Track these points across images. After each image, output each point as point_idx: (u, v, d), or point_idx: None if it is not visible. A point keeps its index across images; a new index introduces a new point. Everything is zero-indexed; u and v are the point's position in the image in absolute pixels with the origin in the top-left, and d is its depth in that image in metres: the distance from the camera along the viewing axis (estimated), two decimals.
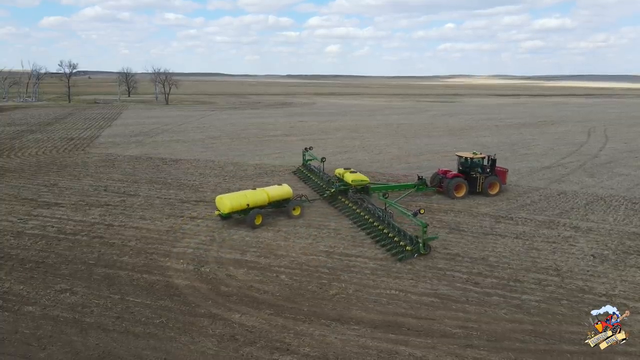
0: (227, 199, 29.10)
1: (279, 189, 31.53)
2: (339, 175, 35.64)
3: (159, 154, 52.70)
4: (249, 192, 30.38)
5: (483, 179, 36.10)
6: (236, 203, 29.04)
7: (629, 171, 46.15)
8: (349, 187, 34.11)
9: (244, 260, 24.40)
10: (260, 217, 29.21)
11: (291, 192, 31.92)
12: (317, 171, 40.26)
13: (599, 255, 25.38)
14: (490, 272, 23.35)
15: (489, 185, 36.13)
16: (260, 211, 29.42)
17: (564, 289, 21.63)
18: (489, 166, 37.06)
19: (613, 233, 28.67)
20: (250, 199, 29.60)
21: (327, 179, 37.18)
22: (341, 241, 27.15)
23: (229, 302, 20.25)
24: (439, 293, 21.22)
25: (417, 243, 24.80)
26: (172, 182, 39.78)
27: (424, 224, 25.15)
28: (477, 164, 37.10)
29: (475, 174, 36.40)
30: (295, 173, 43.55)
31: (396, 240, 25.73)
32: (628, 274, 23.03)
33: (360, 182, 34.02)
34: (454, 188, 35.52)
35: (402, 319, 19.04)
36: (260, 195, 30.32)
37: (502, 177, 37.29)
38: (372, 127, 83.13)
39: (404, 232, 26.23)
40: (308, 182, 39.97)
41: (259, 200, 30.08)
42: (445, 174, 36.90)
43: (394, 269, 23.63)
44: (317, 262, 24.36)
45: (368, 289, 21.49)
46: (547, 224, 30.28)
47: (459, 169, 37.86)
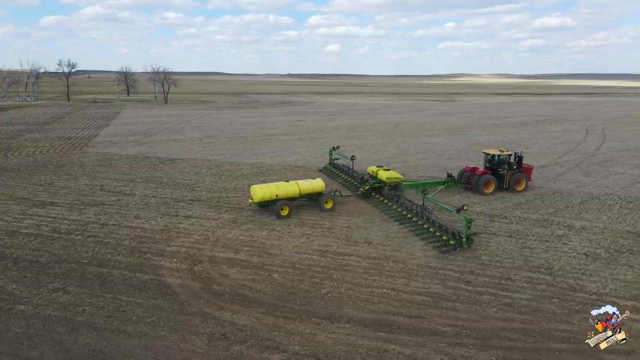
0: (259, 189, 31.05)
1: (311, 183, 32.91)
2: (372, 173, 36.54)
3: (156, 153, 52.78)
4: (281, 184, 32.07)
5: (510, 176, 36.79)
6: (267, 193, 30.91)
7: (625, 170, 46.18)
8: (383, 184, 34.90)
9: (237, 259, 24.47)
10: (286, 209, 30.69)
11: (323, 186, 33.19)
12: (347, 169, 41.39)
13: (591, 253, 25.44)
14: (482, 270, 23.42)
15: (515, 182, 36.88)
16: (287, 202, 30.92)
17: (555, 288, 21.70)
18: (515, 163, 37.83)
19: (606, 232, 28.73)
20: (281, 191, 31.24)
21: (360, 176, 38.18)
22: (335, 240, 27.22)
23: (221, 300, 20.32)
24: (430, 292, 21.29)
25: (460, 238, 25.54)
26: (168, 181, 39.86)
27: (468, 219, 25.60)
28: (504, 161, 37.77)
29: (502, 170, 37.15)
30: (322, 171, 44.52)
31: (438, 234, 26.63)
32: (619, 273, 23.10)
33: (394, 180, 34.83)
34: (483, 185, 36.17)
35: (393, 318, 19.11)
36: (291, 187, 31.84)
37: (528, 174, 38.09)
38: (371, 126, 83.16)
39: (445, 227, 26.90)
40: (336, 179, 41.07)
41: (290, 192, 31.64)
42: (474, 171, 37.52)
43: (387, 267, 23.72)
44: (310, 261, 24.43)
45: (360, 288, 21.56)
46: (540, 222, 30.34)
47: (486, 166, 38.40)
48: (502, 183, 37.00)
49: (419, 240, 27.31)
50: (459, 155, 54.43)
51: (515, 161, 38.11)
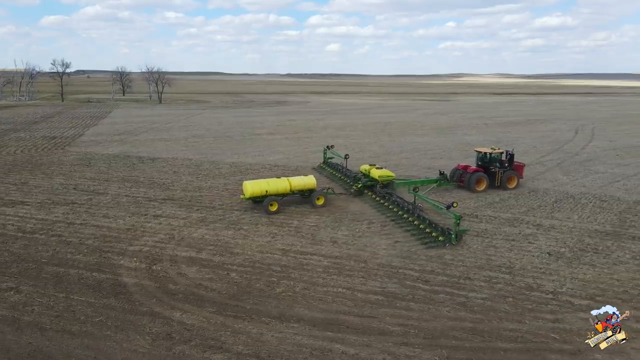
0: (249, 185, 31.68)
1: (302, 179, 33.42)
2: (365, 172, 37.00)
3: (138, 153, 52.68)
4: (272, 180, 32.65)
5: (501, 174, 37.14)
6: (257, 189, 31.50)
7: (605, 169, 46.03)
8: (375, 182, 35.24)
9: (198, 258, 24.36)
10: (275, 204, 31.21)
11: (315, 182, 33.63)
12: (341, 167, 41.77)
13: (555, 252, 25.31)
14: (442, 270, 23.29)
15: (507, 180, 37.19)
16: (276, 198, 31.40)
17: (513, 287, 21.57)
18: (507, 161, 38.16)
19: (574, 231, 28.59)
20: (271, 187, 31.71)
21: (353, 175, 38.45)
22: (300, 239, 27.10)
23: (174, 300, 20.20)
24: (386, 291, 21.16)
25: (450, 234, 25.89)
26: (144, 180, 39.75)
27: (458, 216, 26.04)
28: (495, 158, 38.03)
29: (494, 168, 37.43)
30: (316, 169, 44.95)
31: (428, 231, 27.01)
32: (579, 272, 22.96)
33: (386, 178, 35.28)
34: (475, 182, 36.45)
35: (344, 317, 18.98)
36: (282, 183, 32.34)
37: (519, 171, 38.45)
38: (360, 126, 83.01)
39: (435, 224, 27.27)
40: (330, 177, 41.47)
41: (281, 188, 32.10)
42: (465, 169, 37.83)
43: (347, 267, 23.59)
44: (271, 260, 24.32)
45: (316, 287, 21.43)
46: (510, 221, 30.21)
47: (478, 163, 38.71)
48: (493, 181, 37.17)
49: (385, 239, 27.16)
50: (442, 155, 54.31)
51: (506, 159, 38.36)
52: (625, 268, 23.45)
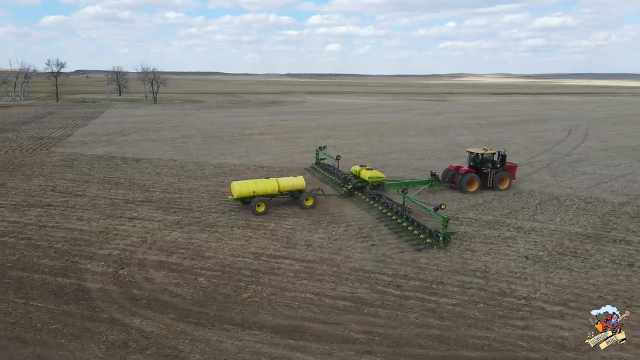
0: (237, 185, 31.37)
1: (290, 180, 33.06)
2: (355, 173, 36.78)
3: (123, 153, 52.18)
4: (260, 181, 32.34)
5: (493, 174, 36.90)
6: (244, 190, 31.17)
7: (594, 170, 45.49)
8: (365, 183, 34.96)
9: (168, 262, 23.85)
10: (263, 205, 30.89)
11: (304, 183, 33.24)
12: (332, 169, 41.50)
13: (532, 256, 24.80)
14: (416, 274, 22.78)
15: (499, 180, 37.00)
16: (263, 199, 31.04)
17: (485, 292, 21.05)
18: (499, 161, 37.87)
19: (555, 233, 28.07)
20: (259, 187, 31.39)
21: (343, 176, 38.13)
22: (274, 242, 26.60)
23: (136, 306, 19.69)
24: (355, 297, 20.65)
25: (437, 236, 25.58)
26: (124, 182, 39.24)
27: (446, 218, 25.76)
28: (487, 159, 37.68)
29: (486, 169, 37.11)
30: (308, 170, 44.67)
31: (416, 233, 26.75)
32: (555, 276, 22.45)
33: (376, 179, 35.02)
34: (466, 183, 36.17)
35: (308, 324, 18.47)
36: (270, 184, 32.03)
37: (512, 172, 38.23)
38: (353, 126, 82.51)
39: (423, 226, 26.97)
40: (321, 179, 41.11)
41: (269, 189, 31.78)
42: (457, 169, 37.45)
43: (319, 271, 23.09)
44: (242, 264, 23.81)
45: (284, 292, 20.92)
46: (491, 224, 29.69)
47: (470, 164, 38.36)
48: (485, 182, 36.87)
49: (361, 242, 26.67)
50: (431, 155, 53.81)
51: (498, 160, 38.06)
52: (603, 272, 22.93)
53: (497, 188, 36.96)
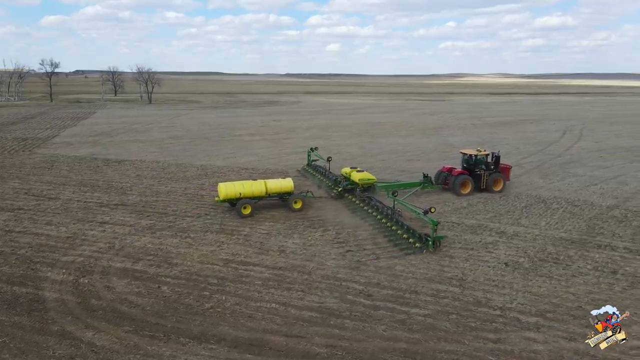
0: (223, 187, 30.72)
1: (278, 182, 32.32)
2: (346, 175, 35.85)
3: (107, 155, 51.24)
4: (247, 183, 31.64)
5: (487, 176, 36.15)
6: (231, 191, 30.50)
7: (585, 172, 44.52)
8: (356, 185, 34.24)
9: (133, 270, 22.92)
10: (249, 208, 30.29)
11: (292, 185, 32.43)
12: (323, 170, 40.61)
13: (513, 263, 23.84)
14: (389, 282, 21.83)
15: (493, 182, 36.22)
16: (249, 201, 30.37)
17: (460, 302, 20.10)
18: (493, 163, 37.09)
19: (539, 238, 27.12)
20: (246, 189, 30.70)
21: (334, 178, 37.33)
22: (247, 248, 25.67)
23: (92, 317, 18.76)
24: (323, 307, 19.70)
25: (427, 241, 24.74)
26: (102, 184, 38.31)
27: (435, 222, 24.83)
28: (481, 161, 36.94)
29: (479, 170, 36.26)
30: (300, 172, 43.92)
31: (405, 237, 25.85)
32: (534, 285, 21.49)
33: (367, 181, 34.24)
34: (460, 185, 35.42)
35: (269, 337, 17.55)
36: (257, 186, 31.31)
37: (506, 174, 37.44)
38: (345, 126, 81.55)
39: (412, 230, 26.08)
40: (312, 180, 40.33)
41: (256, 191, 31.09)
42: (450, 171, 36.72)
43: (289, 279, 22.16)
44: (210, 271, 22.88)
45: (249, 302, 19.99)
46: (473, 229, 28.74)
47: (463, 166, 37.58)
48: (478, 183, 36.10)
49: (337, 247, 25.74)
50: (421, 157, 52.87)
51: (492, 161, 37.24)
52: (584, 280, 21.97)
53: (491, 190, 36.13)
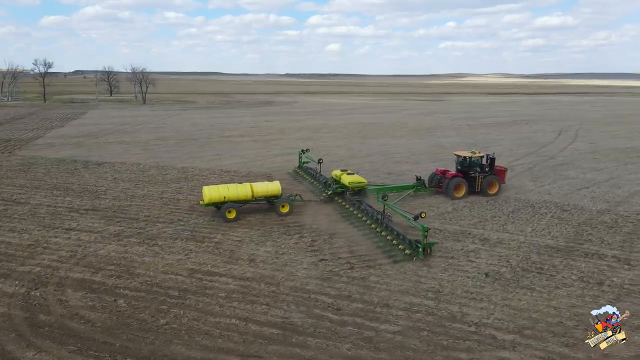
0: (207, 190, 29.74)
1: (265, 185, 31.34)
2: (336, 177, 34.82)
3: (88, 157, 49.99)
4: (232, 186, 30.62)
5: (482, 179, 35.05)
6: (215, 195, 29.53)
7: (577, 174, 43.21)
8: (346, 189, 33.12)
9: (90, 281, 21.65)
10: (234, 212, 29.28)
11: (279, 188, 31.27)
12: (313, 172, 39.46)
13: (494, 273, 22.55)
14: (361, 295, 20.55)
15: (488, 185, 35.12)
16: (234, 205, 29.37)
17: (433, 316, 18.80)
18: (487, 165, 35.90)
19: (523, 246, 25.83)
20: (231, 193, 29.72)
21: (324, 181, 36.21)
22: (215, 257, 24.41)
23: (36, 335, 17.48)
24: (287, 322, 18.40)
25: (417, 247, 23.59)
26: (76, 188, 37.04)
27: (425, 228, 23.73)
28: (475, 163, 35.82)
29: (474, 173, 35.22)
30: (291, 174, 42.85)
31: (394, 243, 24.75)
32: (514, 298, 20.18)
33: (357, 184, 33.22)
34: (453, 188, 34.39)
35: (223, 357, 16.25)
36: (243, 189, 30.32)
37: (501, 176, 36.37)
38: (337, 127, 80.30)
39: (403, 236, 24.90)
40: (302, 183, 39.25)
41: (241, 194, 30.09)
42: (444, 173, 35.65)
43: (255, 291, 20.89)
44: (172, 282, 21.59)
45: (208, 317, 18.70)
46: (456, 235, 27.44)
47: (457, 168, 36.53)
48: (473, 186, 35.01)
49: (310, 256, 24.47)
50: (410, 159, 51.59)
51: (487, 163, 36.03)
52: (568, 292, 20.68)
53: (486, 193, 34.98)
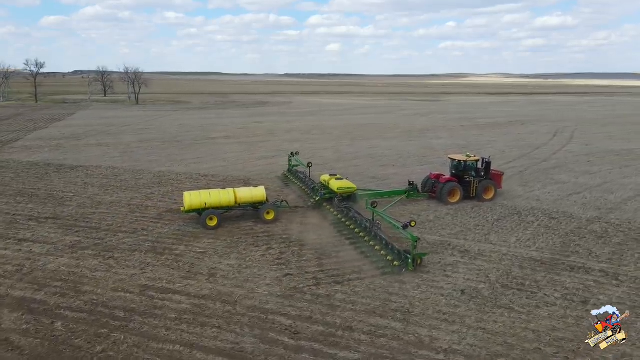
0: (188, 196, 28.41)
1: (249, 191, 29.94)
2: (324, 182, 33.35)
3: (63, 160, 48.25)
4: (214, 191, 29.34)
5: (477, 183, 33.64)
6: (196, 201, 28.18)
7: (569, 178, 41.44)
8: (334, 195, 31.69)
9: (32, 300, 19.89)
10: (215, 219, 27.91)
11: (264, 194, 29.90)
12: (303, 177, 37.87)
13: (470, 290, 20.80)
14: (323, 316, 18.79)
15: (483, 190, 33.74)
16: (215, 212, 28.01)
17: (399, 341, 17.03)
18: (483, 169, 34.43)
19: (506, 259, 24.07)
20: (213, 199, 28.38)
21: (312, 186, 34.62)
22: (173, 271, 22.65)
23: None
24: (236, 349, 16.67)
25: (407, 258, 22.13)
26: (42, 194, 35.28)
27: (415, 237, 22.39)
28: (470, 167, 34.33)
29: (468, 177, 33.94)
30: (280, 178, 41.37)
31: (383, 254, 23.36)
32: (490, 320, 18.39)
33: (346, 190, 31.82)
34: (447, 194, 32.89)
35: None
36: (225, 195, 28.96)
37: (497, 181, 34.89)
38: (328, 128, 78.56)
39: (392, 246, 23.55)
40: (291, 188, 37.77)
41: (224, 201, 28.73)
42: (438, 178, 34.13)
43: (208, 311, 19.13)
44: (120, 301, 19.83)
45: (150, 344, 16.94)
46: (435, 247, 25.68)
47: (452, 172, 35.01)
48: (467, 191, 33.53)
49: (276, 270, 22.72)
50: (397, 162, 49.84)
51: (482, 167, 34.54)
52: (549, 312, 18.90)
53: (482, 198, 33.58)
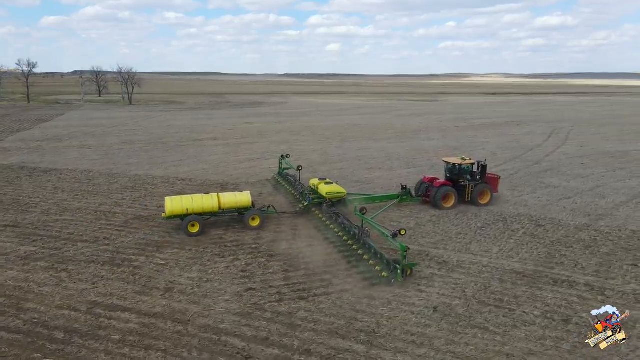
0: (169, 202, 27.34)
1: (233, 196, 28.86)
2: (313, 187, 32.37)
3: (39, 163, 46.72)
4: (197, 197, 28.27)
5: (472, 187, 32.52)
6: (177, 207, 27.14)
7: (560, 182, 39.87)
8: (323, 200, 30.62)
9: None
10: (197, 225, 26.85)
11: (249, 200, 28.78)
12: (293, 180, 36.52)
13: (444, 307, 19.23)
14: (281, 337, 17.32)
15: (479, 194, 32.56)
16: (197, 218, 26.92)
17: None
18: (479, 173, 33.23)
19: (485, 271, 22.50)
20: (196, 204, 27.34)
21: (301, 190, 33.38)
22: (127, 286, 21.12)
23: None
24: None
25: (396, 269, 20.95)
26: (7, 199, 33.79)
27: (404, 247, 21.03)
28: (466, 170, 33.00)
29: (464, 181, 32.87)
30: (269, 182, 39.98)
31: (371, 264, 22.17)
32: (461, 342, 16.81)
33: (336, 195, 30.72)
34: (442, 198, 31.59)
35: None
36: (208, 201, 27.89)
37: (493, 185, 33.49)
38: (319, 129, 77.03)
39: (381, 254, 22.33)
40: (281, 192, 36.43)
41: (207, 206, 27.68)
42: (432, 182, 32.84)
43: (155, 332, 17.61)
44: (63, 320, 18.30)
45: None
46: (412, 257, 24.03)
47: (447, 176, 33.73)
48: (462, 195, 32.32)
49: (238, 284, 21.22)
50: (385, 164, 48.26)
51: (478, 171, 33.23)
52: (527, 333, 17.31)
53: (477, 203, 32.32)
